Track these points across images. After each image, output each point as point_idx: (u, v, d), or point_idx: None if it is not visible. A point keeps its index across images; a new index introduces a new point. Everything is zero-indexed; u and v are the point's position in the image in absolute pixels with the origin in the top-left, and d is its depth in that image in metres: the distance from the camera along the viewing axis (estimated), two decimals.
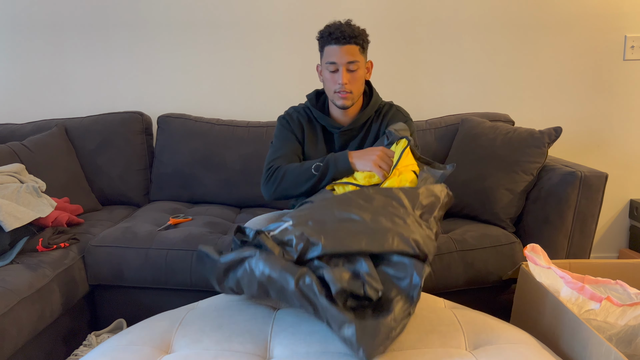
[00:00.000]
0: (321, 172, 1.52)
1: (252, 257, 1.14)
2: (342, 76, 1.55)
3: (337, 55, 1.55)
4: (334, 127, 1.66)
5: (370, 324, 1.05)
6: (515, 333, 1.19)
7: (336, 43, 1.54)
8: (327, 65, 1.57)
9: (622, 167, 2.55)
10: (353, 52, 1.55)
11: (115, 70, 2.53)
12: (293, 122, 1.69)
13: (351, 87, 1.57)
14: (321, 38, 1.59)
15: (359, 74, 1.58)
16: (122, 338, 1.18)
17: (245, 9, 2.46)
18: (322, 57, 1.61)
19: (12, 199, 1.71)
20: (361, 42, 1.57)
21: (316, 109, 1.68)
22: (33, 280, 1.56)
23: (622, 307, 1.16)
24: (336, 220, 1.21)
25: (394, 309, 1.09)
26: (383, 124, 1.67)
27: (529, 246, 1.44)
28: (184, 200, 2.33)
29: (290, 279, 1.08)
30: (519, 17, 2.45)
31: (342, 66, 1.55)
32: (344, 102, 1.59)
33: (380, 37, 2.47)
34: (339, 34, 1.53)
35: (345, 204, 1.27)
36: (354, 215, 1.22)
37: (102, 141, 2.31)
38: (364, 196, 1.29)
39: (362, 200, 1.27)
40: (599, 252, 2.62)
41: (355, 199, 1.28)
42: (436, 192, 1.35)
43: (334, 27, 1.56)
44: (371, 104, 1.66)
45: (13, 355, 1.46)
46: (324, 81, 1.64)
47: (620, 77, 2.49)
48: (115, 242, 1.84)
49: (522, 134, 1.93)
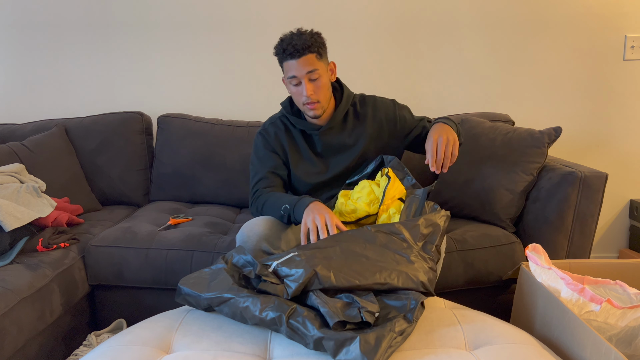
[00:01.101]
0: (287, 217, 1.51)
1: (235, 298, 1.17)
2: (306, 88, 1.54)
3: (296, 69, 1.53)
4: (312, 130, 1.66)
5: (371, 336, 1.07)
6: (515, 333, 1.19)
7: (292, 57, 1.53)
8: (289, 80, 1.57)
9: (622, 167, 2.55)
10: (310, 62, 1.53)
11: (115, 70, 2.53)
12: (270, 137, 1.69)
13: (317, 96, 1.57)
14: (277, 55, 1.58)
15: (322, 82, 1.57)
16: (122, 338, 1.18)
17: (246, 9, 2.46)
18: (283, 72, 1.61)
19: (12, 199, 1.71)
20: (316, 49, 1.54)
21: (292, 115, 1.67)
22: (33, 280, 1.56)
23: (622, 310, 1.16)
24: (342, 257, 1.25)
25: (394, 323, 1.12)
26: (374, 116, 1.67)
27: (530, 246, 1.44)
28: (184, 200, 2.33)
29: (281, 318, 1.11)
30: (519, 17, 2.45)
31: (303, 78, 1.54)
32: (315, 112, 1.59)
33: (380, 37, 2.47)
34: (291, 49, 1.52)
35: (351, 240, 1.30)
36: (359, 253, 1.26)
37: (102, 141, 2.31)
38: (367, 235, 1.32)
39: (365, 239, 1.31)
40: (599, 252, 2.62)
41: (359, 237, 1.32)
42: (435, 221, 1.38)
43: (286, 42, 1.54)
44: (344, 100, 1.66)
45: (13, 355, 1.46)
46: (292, 97, 1.64)
47: (620, 77, 2.49)
48: (115, 242, 1.84)
49: (522, 134, 1.93)
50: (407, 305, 1.18)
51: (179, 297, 1.25)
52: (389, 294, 1.23)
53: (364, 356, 1.03)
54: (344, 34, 2.46)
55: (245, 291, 1.19)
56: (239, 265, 1.30)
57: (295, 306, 1.13)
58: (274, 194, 1.59)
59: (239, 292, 1.18)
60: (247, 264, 1.29)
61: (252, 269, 1.26)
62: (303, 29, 1.57)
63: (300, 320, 1.10)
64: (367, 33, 2.47)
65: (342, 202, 1.56)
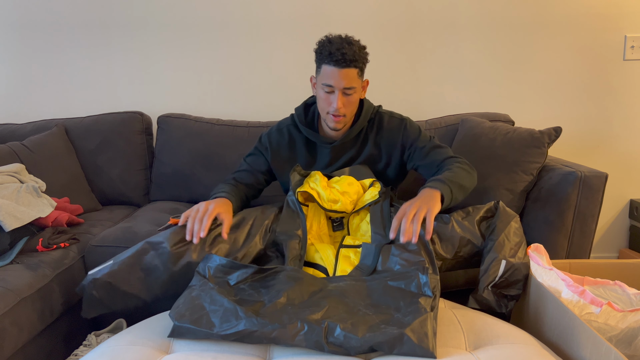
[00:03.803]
0: None
1: (260, 331, 1.11)
2: (338, 100, 1.48)
3: (335, 79, 1.47)
4: (324, 143, 1.62)
5: (416, 324, 1.07)
6: (515, 333, 1.19)
7: (335, 65, 1.45)
8: (322, 86, 1.50)
9: (622, 167, 2.55)
10: (351, 77, 1.47)
11: (115, 70, 2.53)
12: (271, 145, 1.70)
13: (345, 110, 1.52)
14: (320, 54, 1.50)
15: (354, 98, 1.52)
16: (122, 338, 1.18)
17: (246, 9, 2.46)
18: (318, 73, 1.53)
19: (12, 199, 1.70)
20: (361, 65, 1.49)
21: (305, 127, 1.63)
22: (33, 280, 1.56)
23: (622, 313, 1.16)
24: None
25: (420, 304, 1.13)
26: (379, 135, 1.63)
27: (532, 245, 1.44)
28: (184, 200, 2.33)
29: (320, 343, 1.08)
30: (519, 17, 2.45)
31: (339, 90, 1.48)
32: (336, 124, 1.55)
33: (380, 37, 2.47)
34: (339, 56, 1.44)
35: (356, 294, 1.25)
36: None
37: (102, 141, 2.31)
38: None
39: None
40: (599, 252, 2.62)
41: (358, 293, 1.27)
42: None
43: (335, 46, 1.45)
44: (362, 116, 1.61)
45: (13, 355, 1.46)
46: (317, 98, 1.57)
47: (620, 77, 2.49)
48: (115, 242, 1.84)
49: (522, 134, 1.93)
50: (417, 283, 1.18)
51: (179, 335, 1.13)
52: (394, 276, 1.23)
53: (421, 346, 1.04)
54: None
55: (260, 311, 1.14)
56: (220, 275, 1.27)
57: (327, 323, 1.09)
58: (227, 184, 1.64)
59: (256, 317, 1.12)
60: (224, 268, 1.28)
61: (239, 273, 1.24)
62: (353, 38, 1.50)
63: (340, 336, 1.07)
64: (367, 33, 2.46)
65: (324, 184, 1.51)
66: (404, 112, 2.59)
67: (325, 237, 1.53)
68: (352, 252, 1.41)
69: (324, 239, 1.53)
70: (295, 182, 1.56)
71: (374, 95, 2.49)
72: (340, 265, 1.37)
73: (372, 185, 1.55)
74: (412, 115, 2.51)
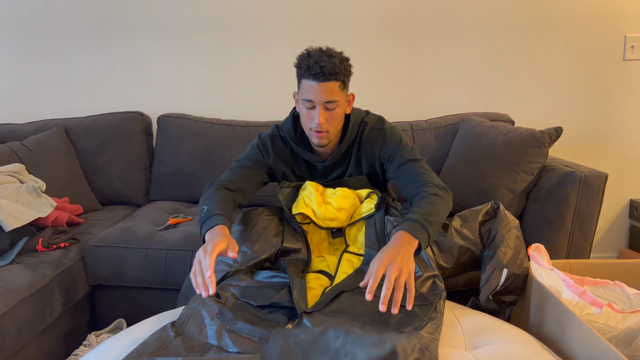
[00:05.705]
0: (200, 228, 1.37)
1: None
2: (319, 115, 1.41)
3: (315, 93, 1.39)
4: (316, 162, 1.57)
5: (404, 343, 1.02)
6: (515, 333, 1.19)
7: (314, 79, 1.38)
8: (303, 102, 1.43)
9: (622, 167, 2.55)
10: (332, 91, 1.40)
11: (115, 70, 2.53)
12: (268, 156, 1.58)
13: (328, 126, 1.44)
14: (299, 68, 1.43)
15: (337, 113, 1.44)
16: (122, 338, 1.18)
17: (245, 9, 2.46)
18: (299, 88, 1.46)
19: (12, 199, 1.71)
20: (342, 78, 1.41)
21: (296, 144, 1.56)
22: (33, 280, 1.56)
23: (622, 314, 1.17)
24: None
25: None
26: (360, 147, 1.56)
27: (533, 245, 1.44)
28: (184, 200, 2.33)
29: None
30: (519, 17, 2.45)
31: (320, 105, 1.40)
32: (320, 141, 1.47)
33: (380, 37, 2.47)
34: (317, 70, 1.37)
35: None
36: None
37: (102, 141, 2.31)
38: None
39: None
40: (599, 252, 2.62)
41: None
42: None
43: (314, 59, 1.38)
44: (349, 131, 1.54)
45: (13, 355, 1.46)
46: (300, 115, 1.50)
47: (620, 77, 2.49)
48: (115, 242, 1.84)
49: (522, 134, 1.92)
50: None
51: None
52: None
53: None
54: (346, 34, 2.46)
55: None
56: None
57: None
58: (217, 195, 1.44)
59: None
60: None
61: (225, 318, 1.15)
62: (334, 50, 1.43)
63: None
64: (368, 33, 2.47)
65: (319, 200, 1.48)
66: (404, 112, 2.60)
67: (325, 246, 1.54)
68: (355, 258, 1.42)
69: (325, 249, 1.54)
70: (286, 196, 1.54)
71: (374, 95, 2.50)
72: (342, 267, 1.38)
73: (368, 197, 1.54)
74: (413, 115, 2.53)
